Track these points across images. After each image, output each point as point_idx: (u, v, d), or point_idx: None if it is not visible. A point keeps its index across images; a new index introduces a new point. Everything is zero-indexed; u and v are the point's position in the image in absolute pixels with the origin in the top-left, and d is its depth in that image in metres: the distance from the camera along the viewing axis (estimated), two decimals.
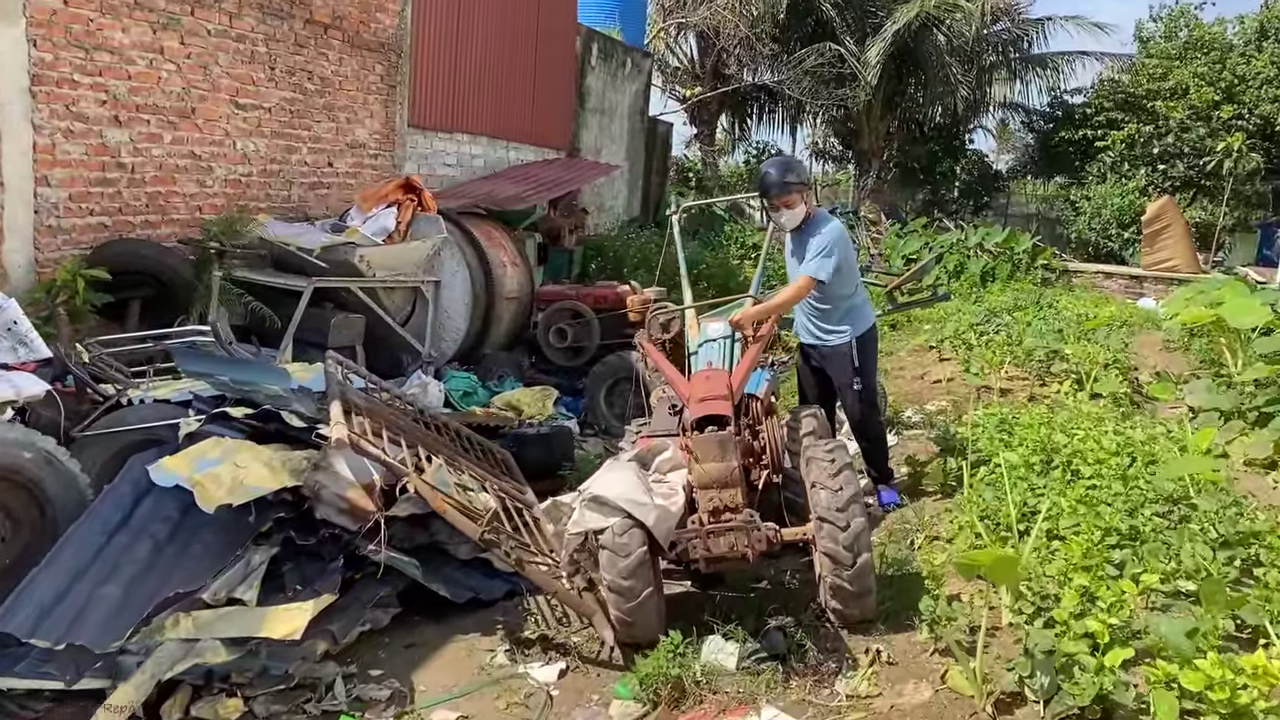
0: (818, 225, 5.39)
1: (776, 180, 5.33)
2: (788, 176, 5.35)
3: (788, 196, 5.33)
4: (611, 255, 12.36)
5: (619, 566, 4.01)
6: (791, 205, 5.36)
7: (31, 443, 4.25)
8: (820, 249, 5.25)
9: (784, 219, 5.41)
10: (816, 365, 5.78)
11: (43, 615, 3.54)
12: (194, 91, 7.47)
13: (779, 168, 5.41)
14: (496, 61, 11.78)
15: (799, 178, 5.43)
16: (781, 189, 5.32)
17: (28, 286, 6.25)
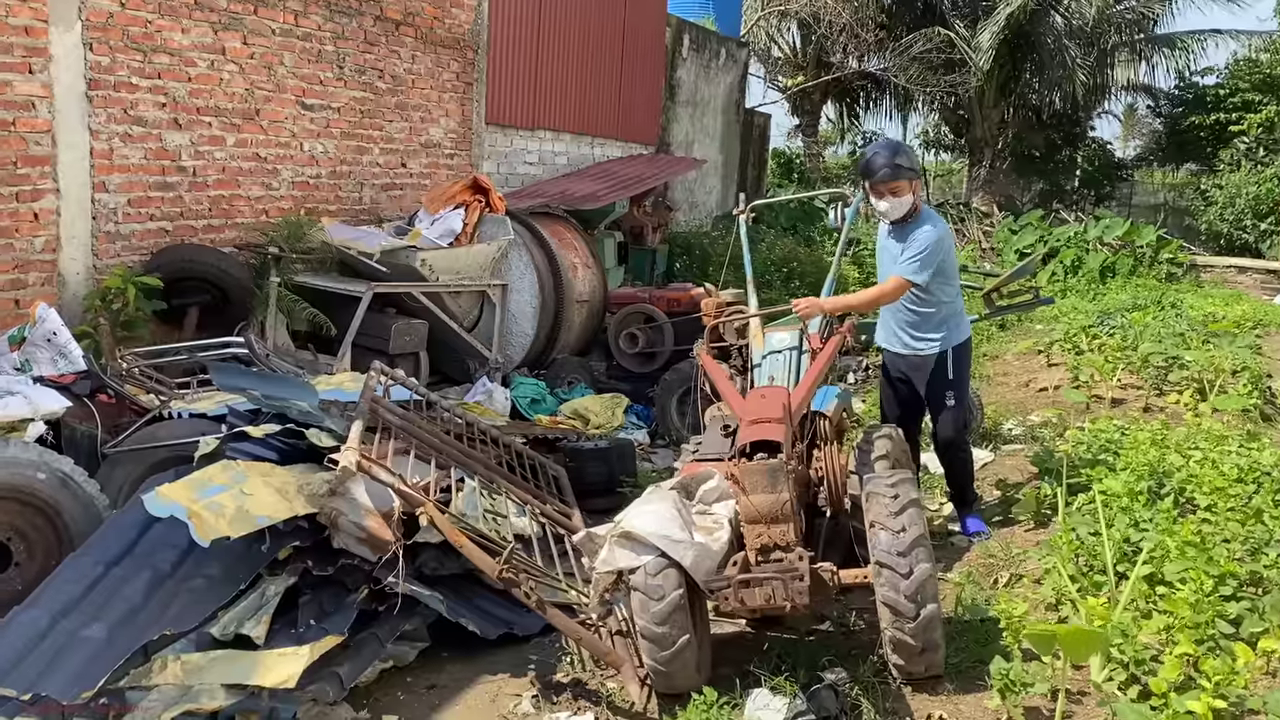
0: (923, 221, 4.95)
1: (885, 164, 4.87)
2: (898, 160, 4.89)
3: (895, 183, 4.86)
4: (698, 254, 11.93)
5: (652, 611, 3.61)
6: (898, 193, 4.89)
7: (46, 463, 4.08)
8: (922, 249, 4.83)
9: (885, 206, 4.93)
10: (902, 377, 5.30)
11: (15, 660, 3.32)
12: (258, 92, 7.33)
13: (888, 150, 4.97)
14: (580, 55, 11.46)
15: (910, 164, 4.95)
16: (892, 173, 4.85)
17: (86, 294, 6.18)
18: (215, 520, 3.63)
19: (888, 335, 5.33)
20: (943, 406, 5.13)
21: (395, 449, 4.42)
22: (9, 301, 5.77)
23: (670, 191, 13.50)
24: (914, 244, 4.85)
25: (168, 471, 4.41)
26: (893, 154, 4.94)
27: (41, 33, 5.78)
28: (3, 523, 3.98)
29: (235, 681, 3.39)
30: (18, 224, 5.78)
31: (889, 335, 5.31)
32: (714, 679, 3.78)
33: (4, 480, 3.93)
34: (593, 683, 4.00)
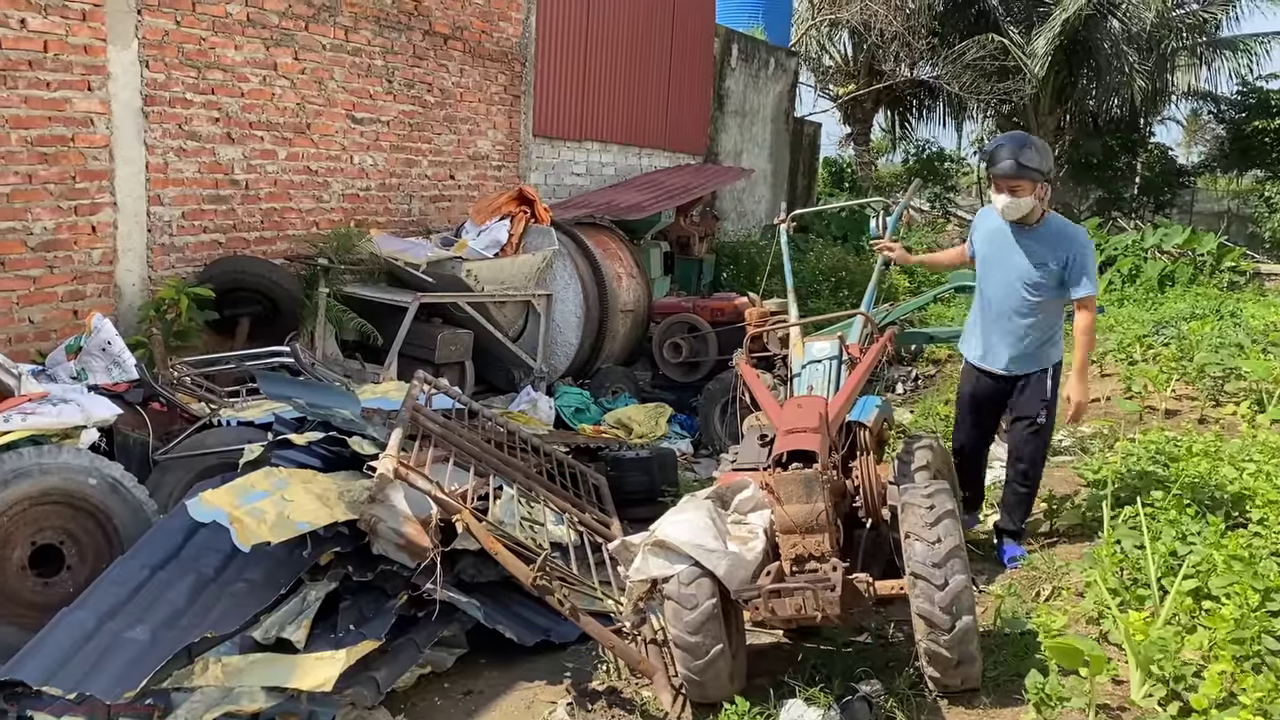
0: (1065, 231, 4.72)
1: (1008, 157, 4.57)
2: (1023, 156, 4.55)
3: (1017, 181, 4.57)
4: (745, 263, 11.91)
5: (685, 620, 3.61)
6: (1017, 192, 4.59)
7: (97, 469, 4.20)
8: (1089, 262, 4.64)
9: (1003, 203, 4.63)
10: (991, 398, 5.01)
11: (63, 660, 3.42)
12: (309, 107, 7.48)
13: (1014, 144, 4.64)
14: (628, 67, 11.52)
15: (1038, 165, 4.58)
16: (1015, 170, 4.55)
17: (141, 304, 6.34)
18: (256, 526, 3.71)
19: (986, 352, 4.97)
20: (1034, 424, 4.84)
21: (435, 456, 4.47)
22: (68, 312, 5.95)
23: (718, 201, 13.50)
24: (1079, 258, 4.61)
25: (215, 477, 4.52)
26: (1019, 148, 4.60)
27: (100, 51, 5.96)
28: (55, 526, 4.10)
29: (274, 684, 3.46)
30: (76, 237, 5.96)
31: (988, 352, 4.96)
32: (748, 689, 3.77)
33: (57, 485, 4.05)
34: (628, 691, 4.01)
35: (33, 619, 3.89)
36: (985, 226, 4.97)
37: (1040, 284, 4.69)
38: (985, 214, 5.02)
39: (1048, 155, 4.66)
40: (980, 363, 4.98)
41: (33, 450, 4.05)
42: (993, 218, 4.87)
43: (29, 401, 4.26)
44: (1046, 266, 4.66)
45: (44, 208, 5.76)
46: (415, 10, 8.37)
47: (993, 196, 4.73)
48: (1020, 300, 4.76)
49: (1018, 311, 4.77)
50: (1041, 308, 4.73)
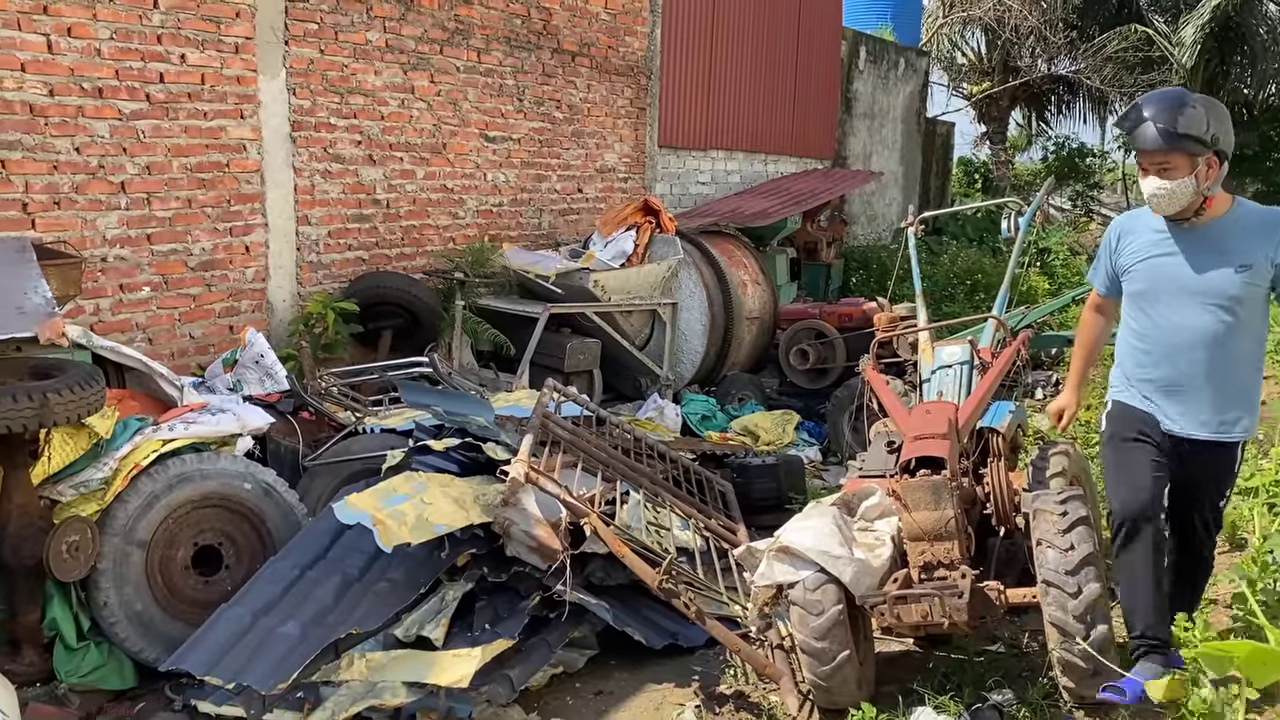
0: (1257, 220, 3.41)
1: (1156, 119, 3.28)
2: (1180, 119, 3.24)
3: (1169, 156, 3.28)
4: (875, 268, 11.75)
5: (811, 626, 3.63)
6: (1169, 171, 3.30)
7: (251, 474, 4.47)
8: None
9: (1151, 189, 3.33)
10: (1164, 460, 3.54)
11: (222, 652, 3.67)
12: (444, 127, 7.77)
13: (1165, 104, 3.30)
14: (753, 74, 11.54)
15: (1202, 130, 3.25)
16: (1166, 141, 3.26)
17: (291, 319, 6.71)
18: (398, 528, 3.90)
19: (1192, 414, 3.52)
20: (1215, 510, 3.68)
21: (564, 462, 4.60)
22: (224, 327, 6.34)
23: (847, 205, 13.37)
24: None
25: (359, 482, 4.76)
26: (1170, 107, 3.27)
27: (251, 81, 6.34)
28: (214, 528, 4.39)
29: (414, 679, 3.63)
30: (231, 256, 6.35)
31: (1195, 414, 3.51)
32: (877, 696, 3.76)
33: (215, 490, 4.34)
34: (755, 695, 4.04)
35: (194, 615, 4.18)
36: (1138, 238, 3.59)
37: (1240, 296, 3.38)
38: (1129, 220, 3.70)
39: (1220, 117, 3.32)
40: (1190, 432, 3.53)
41: (194, 457, 4.35)
42: (1144, 221, 3.59)
43: (190, 411, 4.57)
44: (1251, 268, 3.35)
45: (202, 230, 6.16)
46: (544, 29, 8.60)
47: (1140, 183, 3.43)
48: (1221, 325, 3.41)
49: (1229, 352, 3.43)
50: (1249, 336, 3.47)
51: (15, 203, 5.26)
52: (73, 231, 5.50)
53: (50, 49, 5.32)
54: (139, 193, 5.79)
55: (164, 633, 4.11)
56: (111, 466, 4.17)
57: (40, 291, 4.05)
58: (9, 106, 5.18)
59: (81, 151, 5.51)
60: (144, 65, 5.74)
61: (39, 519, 3.97)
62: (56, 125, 5.39)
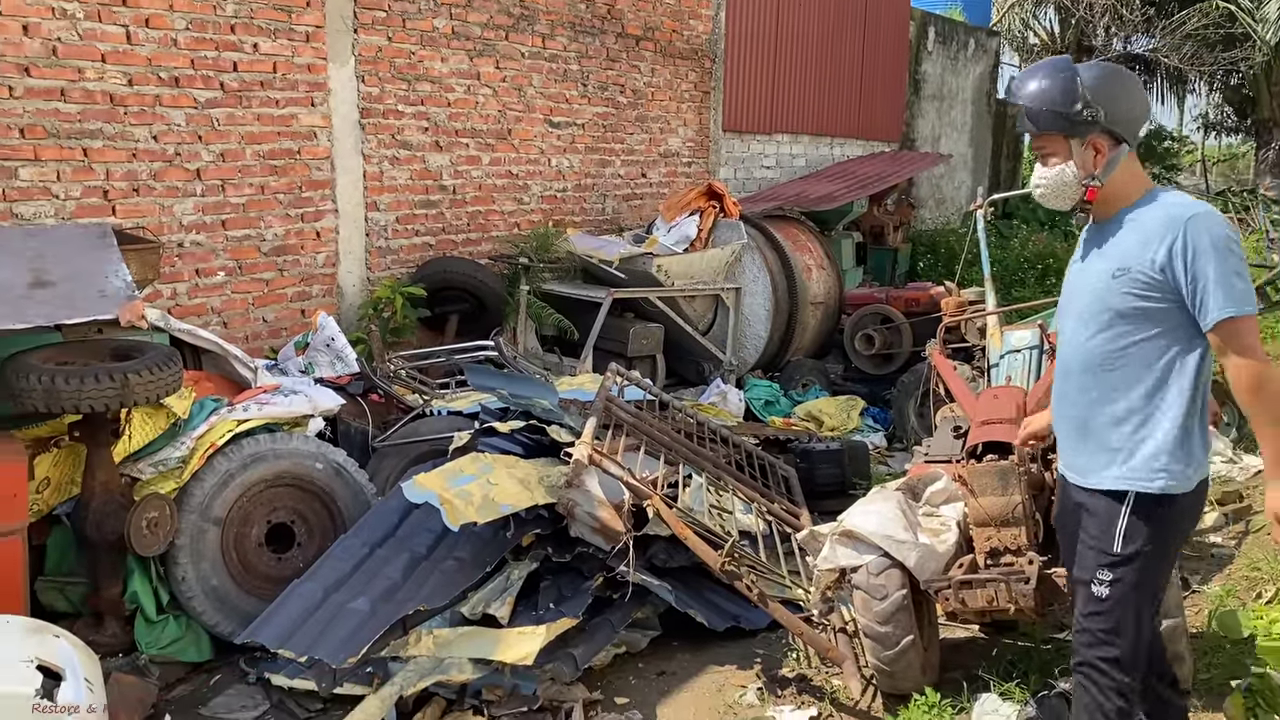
0: (1160, 211, 2.61)
1: (1024, 100, 2.70)
2: (1044, 98, 2.64)
3: (1043, 139, 2.71)
4: (943, 252, 11.58)
5: (874, 610, 3.62)
6: (1048, 157, 2.71)
7: (323, 454, 4.57)
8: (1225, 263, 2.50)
9: (1034, 180, 2.76)
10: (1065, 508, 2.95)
11: (294, 627, 3.76)
12: (509, 113, 7.83)
13: (1030, 77, 2.71)
14: (819, 57, 11.43)
15: (1075, 106, 2.61)
16: (1034, 122, 2.69)
17: (361, 303, 6.83)
18: (464, 507, 3.96)
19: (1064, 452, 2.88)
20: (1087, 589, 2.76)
21: (626, 445, 4.63)
22: (296, 311, 6.48)
23: (914, 188, 13.19)
24: (1196, 254, 2.50)
25: (427, 463, 4.84)
26: (1043, 80, 2.66)
27: (321, 69, 6.45)
28: (287, 507, 4.50)
29: (480, 656, 3.69)
30: (303, 242, 6.48)
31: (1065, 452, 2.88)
32: (941, 681, 3.74)
33: (288, 469, 4.45)
34: (817, 679, 4.04)
35: (267, 590, 4.29)
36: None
37: (1125, 310, 2.62)
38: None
39: (1112, 87, 2.64)
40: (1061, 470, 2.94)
41: (268, 437, 4.46)
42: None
43: (264, 393, 4.68)
44: (1126, 273, 2.60)
45: (275, 216, 6.29)
46: (608, 14, 8.61)
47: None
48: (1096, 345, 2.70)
49: (1095, 365, 2.71)
50: (1121, 346, 2.65)
51: (97, 189, 5.43)
52: (151, 217, 5.66)
53: (129, 39, 5.47)
54: (214, 179, 5.94)
55: (239, 607, 4.23)
56: (189, 446, 4.29)
57: (121, 275, 4.17)
58: (90, 96, 5.34)
59: (159, 139, 5.66)
60: (218, 54, 5.88)
61: (120, 496, 4.10)
62: (135, 114, 5.54)
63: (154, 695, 3.84)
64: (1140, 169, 2.72)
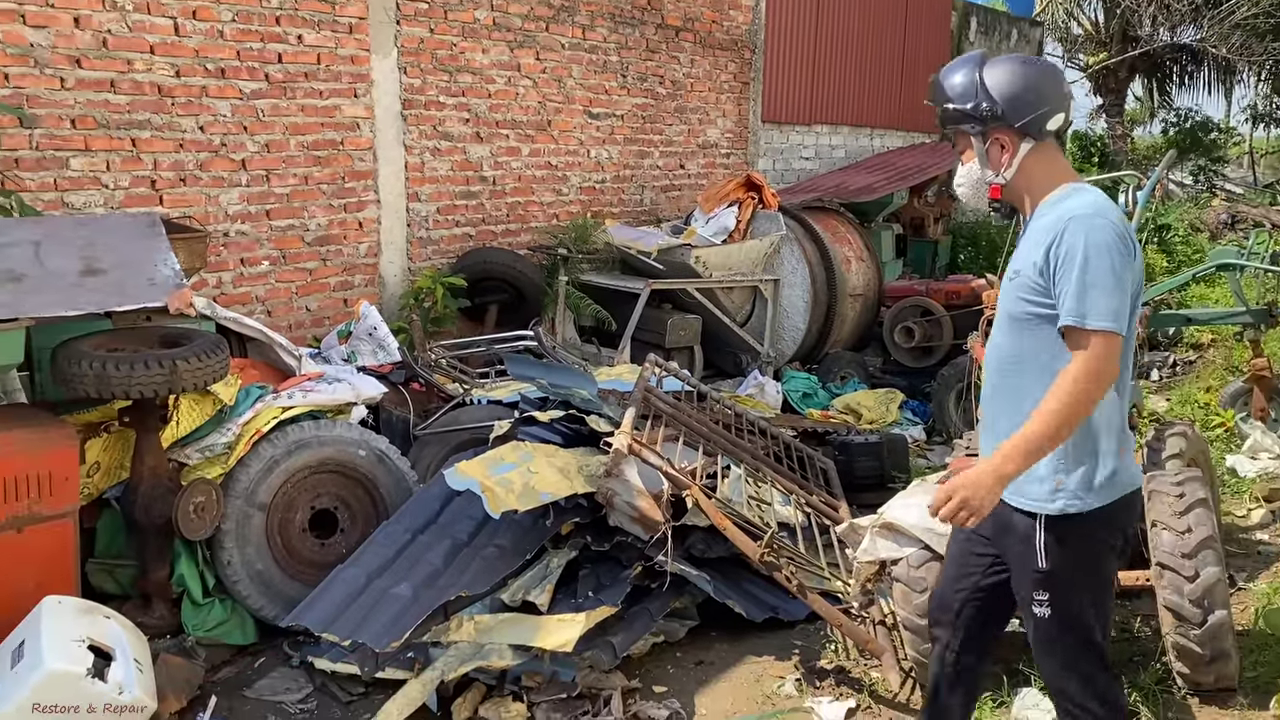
0: (1054, 211, 2.49)
1: (931, 98, 2.69)
2: (942, 93, 2.61)
3: (958, 137, 2.66)
4: (984, 244, 11.48)
5: (914, 603, 3.62)
6: (962, 154, 2.68)
7: (366, 441, 4.62)
8: (1090, 263, 2.36)
9: (961, 182, 2.71)
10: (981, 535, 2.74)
11: (338, 611, 3.81)
12: (549, 105, 7.85)
13: (940, 75, 2.65)
14: (859, 47, 11.35)
15: (971, 100, 2.54)
16: (940, 119, 2.68)
17: (402, 293, 6.89)
18: (505, 495, 3.99)
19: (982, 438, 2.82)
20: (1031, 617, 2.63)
21: (665, 435, 4.64)
22: (339, 300, 6.55)
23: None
24: (1067, 254, 2.39)
25: (467, 451, 4.89)
26: (946, 76, 2.62)
27: (364, 60, 6.51)
28: (331, 493, 4.55)
29: (520, 642, 3.72)
30: (346, 232, 6.55)
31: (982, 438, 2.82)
32: None
33: (332, 456, 4.50)
34: (856, 671, 4.04)
35: (311, 575, 4.35)
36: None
37: (1018, 314, 2.55)
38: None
39: (1013, 78, 2.54)
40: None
41: (312, 424, 4.51)
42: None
43: (308, 380, 4.74)
44: (1017, 277, 2.55)
45: (318, 206, 6.36)
46: (648, 5, 8.60)
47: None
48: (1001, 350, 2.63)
49: (1000, 370, 2.64)
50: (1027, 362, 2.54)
51: (145, 179, 5.52)
52: (197, 207, 5.74)
53: (177, 31, 5.55)
54: (259, 170, 6.01)
55: (283, 591, 4.29)
56: (234, 432, 4.36)
57: (170, 264, 4.24)
58: (139, 87, 5.43)
59: (205, 130, 5.74)
60: (263, 46, 5.94)
61: (168, 480, 4.17)
62: (182, 105, 5.62)
63: (200, 676, 3.91)
64: (1059, 164, 2.60)
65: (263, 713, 3.81)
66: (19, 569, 3.72)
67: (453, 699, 3.80)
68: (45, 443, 3.80)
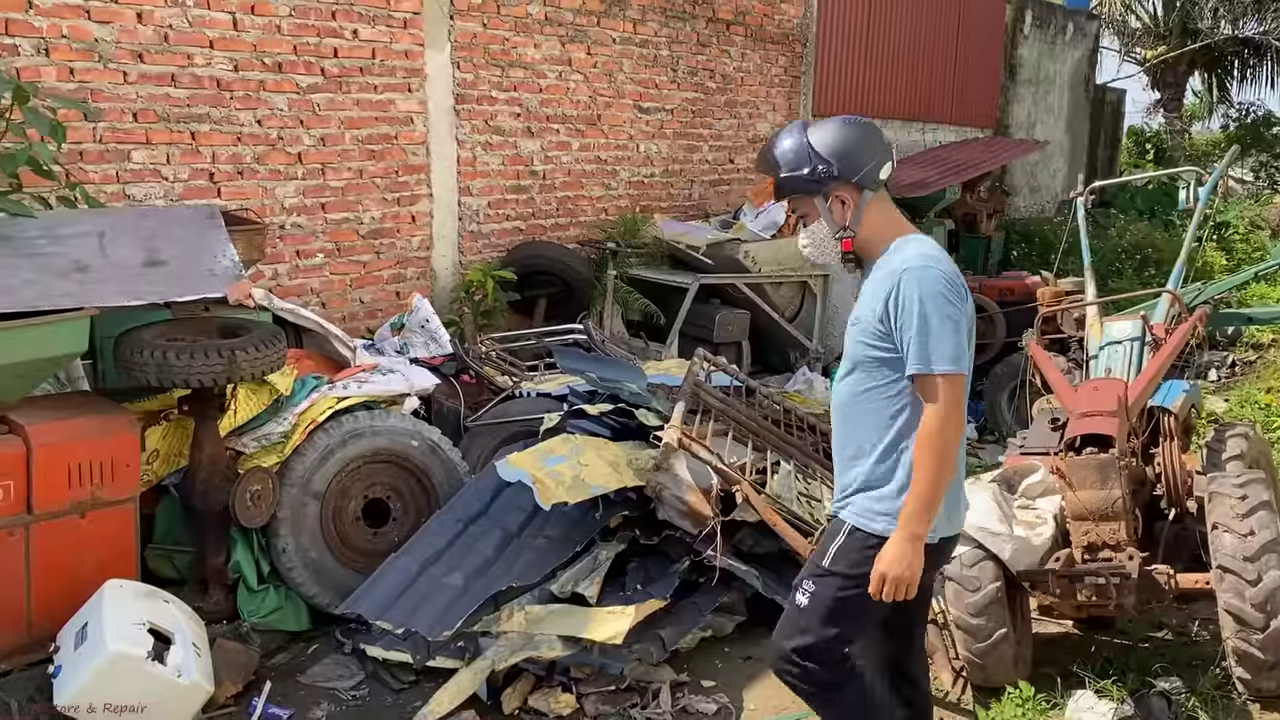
0: (890, 262, 2.64)
1: (765, 172, 2.82)
2: (776, 164, 2.70)
3: (795, 203, 2.78)
4: (1038, 241, 11.32)
5: (967, 602, 3.59)
6: (805, 217, 2.78)
7: (419, 432, 4.66)
8: (928, 313, 2.52)
9: (800, 243, 2.85)
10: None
11: (391, 599, 3.86)
12: (599, 99, 7.87)
13: (767, 149, 2.76)
14: (911, 40, 11.24)
15: (803, 165, 2.63)
16: (780, 190, 2.75)
17: (453, 286, 6.95)
18: (556, 487, 4.01)
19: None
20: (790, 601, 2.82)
21: (714, 430, 4.64)
22: (391, 293, 6.62)
23: (1008, 176, 12.90)
24: (907, 303, 2.53)
25: (517, 443, 4.91)
26: (772, 149, 2.73)
27: (418, 55, 6.56)
28: (384, 483, 4.60)
29: (569, 634, 3.74)
30: (399, 226, 6.62)
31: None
32: (1034, 676, 3.69)
33: (386, 446, 4.55)
34: None
35: (364, 564, 4.40)
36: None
37: (860, 358, 2.70)
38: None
39: (839, 136, 2.65)
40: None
41: (366, 414, 4.56)
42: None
43: (363, 371, 4.80)
44: (858, 324, 2.72)
45: (372, 199, 6.43)
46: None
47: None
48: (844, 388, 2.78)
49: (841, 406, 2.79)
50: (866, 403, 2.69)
51: (203, 172, 5.61)
52: (254, 200, 5.83)
53: (236, 26, 5.63)
54: (314, 163, 6.09)
55: (336, 579, 4.35)
56: (290, 421, 4.42)
57: (229, 255, 4.31)
58: (199, 81, 5.52)
59: (262, 124, 5.82)
60: (319, 41, 6.01)
61: (225, 468, 4.24)
62: (240, 99, 5.71)
63: (255, 662, 3.98)
64: (892, 213, 2.75)
65: (316, 698, 3.87)
66: (82, 553, 3.82)
67: (502, 689, 3.83)
68: (108, 430, 3.89)
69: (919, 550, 2.55)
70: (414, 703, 3.77)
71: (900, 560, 2.54)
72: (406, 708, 3.76)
